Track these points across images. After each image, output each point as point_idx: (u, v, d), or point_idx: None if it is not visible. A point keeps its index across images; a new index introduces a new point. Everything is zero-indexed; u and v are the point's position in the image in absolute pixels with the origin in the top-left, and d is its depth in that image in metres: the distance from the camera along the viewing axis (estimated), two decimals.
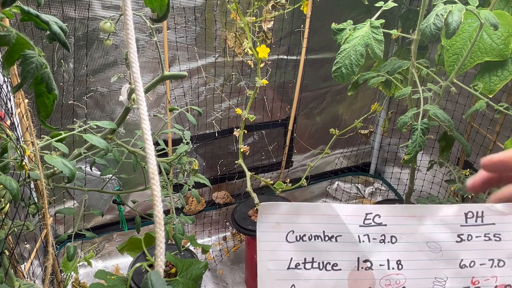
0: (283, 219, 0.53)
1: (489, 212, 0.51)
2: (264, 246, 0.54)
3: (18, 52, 0.67)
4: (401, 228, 0.51)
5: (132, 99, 1.09)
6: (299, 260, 0.52)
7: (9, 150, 0.82)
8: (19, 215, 1.04)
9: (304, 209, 0.52)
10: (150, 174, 0.47)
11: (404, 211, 0.51)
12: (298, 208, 0.52)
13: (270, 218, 0.53)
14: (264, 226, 0.53)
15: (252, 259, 1.97)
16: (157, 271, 0.46)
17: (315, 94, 2.38)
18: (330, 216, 0.51)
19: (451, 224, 0.50)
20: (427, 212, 0.51)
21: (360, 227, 0.51)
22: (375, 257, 0.51)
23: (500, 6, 1.51)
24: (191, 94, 2.05)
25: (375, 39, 1.41)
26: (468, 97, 1.97)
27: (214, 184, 2.30)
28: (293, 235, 0.52)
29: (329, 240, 0.51)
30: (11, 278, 0.95)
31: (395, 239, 0.51)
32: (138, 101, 0.49)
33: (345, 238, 0.51)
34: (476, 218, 0.51)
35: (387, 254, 0.51)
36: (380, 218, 0.51)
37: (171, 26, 1.83)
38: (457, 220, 0.50)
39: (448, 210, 0.51)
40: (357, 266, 0.51)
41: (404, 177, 2.55)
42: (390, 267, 0.51)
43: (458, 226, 0.50)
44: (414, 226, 0.51)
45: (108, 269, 2.15)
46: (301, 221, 0.52)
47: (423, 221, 0.51)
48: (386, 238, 0.51)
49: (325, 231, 0.51)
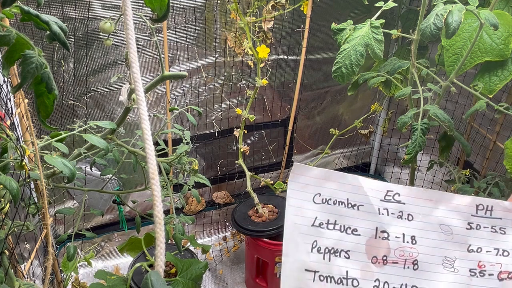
0: (312, 181, 0.57)
1: (498, 208, 0.56)
2: (292, 202, 0.57)
3: (18, 52, 0.67)
4: (418, 208, 0.56)
5: (132, 99, 1.09)
6: (322, 220, 0.57)
7: (9, 150, 0.82)
8: (19, 215, 1.04)
9: (332, 176, 0.57)
10: (150, 174, 0.47)
11: (422, 194, 0.57)
12: (326, 174, 0.57)
13: (301, 178, 0.57)
14: (294, 185, 0.57)
15: (252, 259, 1.97)
16: (157, 271, 0.46)
17: (315, 94, 2.38)
18: (355, 186, 0.57)
19: (463, 213, 0.56)
20: (443, 198, 0.57)
21: (380, 201, 0.57)
22: (392, 229, 0.56)
23: (500, 6, 1.51)
24: (191, 94, 2.05)
25: (375, 39, 1.41)
26: (468, 97, 1.97)
27: (214, 184, 2.30)
28: (320, 198, 0.57)
29: (352, 207, 0.56)
30: (11, 278, 0.95)
31: (412, 217, 0.57)
32: (138, 101, 0.49)
33: (366, 208, 0.57)
34: (485, 210, 0.56)
35: (403, 229, 0.57)
36: (400, 197, 0.57)
37: (171, 26, 1.83)
38: (468, 210, 0.56)
39: (462, 200, 0.57)
40: (375, 234, 0.57)
41: (404, 177, 2.55)
42: (405, 241, 0.56)
43: (469, 215, 0.56)
44: (430, 208, 0.56)
45: (108, 269, 2.14)
46: (328, 186, 0.57)
47: (438, 206, 0.56)
48: (404, 215, 0.56)
49: (349, 199, 0.56)
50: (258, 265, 1.98)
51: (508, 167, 1.38)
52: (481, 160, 1.91)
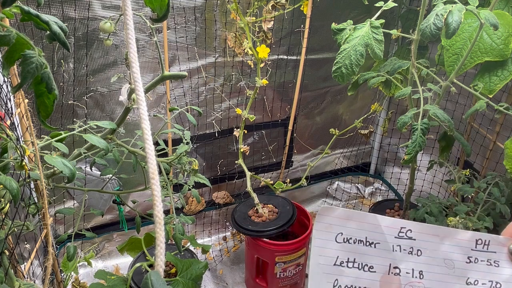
0: (336, 221, 0.61)
1: (494, 242, 0.61)
2: (318, 243, 0.61)
3: (18, 52, 0.67)
4: (426, 244, 0.61)
5: (132, 99, 1.09)
6: (343, 259, 0.60)
7: (9, 150, 0.82)
8: (19, 215, 1.04)
9: (354, 216, 0.61)
10: (150, 174, 0.47)
11: (431, 230, 0.61)
12: (349, 214, 0.61)
13: (326, 219, 0.61)
14: (320, 226, 0.61)
15: (252, 259, 1.97)
16: (157, 271, 0.46)
17: (315, 94, 2.38)
18: (373, 225, 0.61)
19: (464, 247, 0.61)
20: (448, 234, 0.61)
21: (395, 238, 0.61)
22: (403, 265, 0.61)
23: (500, 6, 1.51)
24: (191, 94, 2.05)
25: (375, 39, 1.41)
26: (468, 97, 1.97)
27: (214, 184, 2.30)
28: (341, 237, 0.61)
29: (370, 245, 0.61)
30: (11, 278, 0.95)
31: (421, 252, 0.61)
32: (138, 101, 0.49)
33: (382, 246, 0.61)
34: (483, 245, 0.61)
35: (412, 264, 0.61)
36: (412, 233, 0.61)
37: (171, 26, 1.83)
38: (469, 244, 0.61)
39: (464, 235, 0.61)
40: (388, 270, 0.61)
41: (404, 177, 2.55)
42: (414, 276, 0.61)
43: (469, 250, 0.61)
44: (436, 243, 0.61)
45: (108, 269, 2.15)
46: (349, 225, 0.61)
47: (444, 241, 0.61)
48: (414, 251, 0.61)
49: (367, 237, 0.61)
50: (258, 265, 1.98)
51: (508, 167, 1.38)
52: (481, 160, 1.92)
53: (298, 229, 2.06)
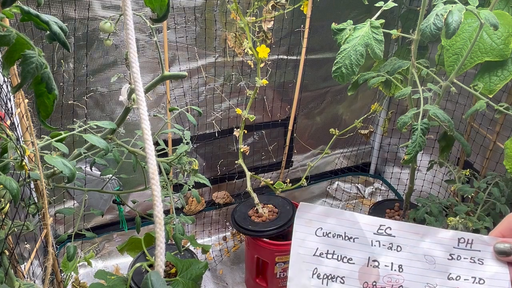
0: (315, 217, 0.66)
1: (478, 241, 0.63)
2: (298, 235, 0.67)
3: (18, 52, 0.67)
4: (406, 240, 0.65)
5: (132, 99, 1.09)
6: (323, 251, 0.66)
7: (9, 150, 0.82)
8: (19, 215, 1.04)
9: (332, 213, 0.66)
10: (150, 174, 0.47)
11: (411, 228, 0.65)
12: (328, 211, 0.66)
13: (305, 215, 0.66)
14: (300, 221, 0.66)
15: (252, 259, 1.97)
16: (157, 271, 0.46)
17: (315, 94, 2.38)
18: (352, 222, 0.65)
19: (446, 245, 0.64)
20: (429, 232, 0.65)
21: (373, 234, 0.65)
22: (382, 259, 0.65)
23: (500, 6, 1.51)
24: (191, 94, 2.05)
25: (375, 39, 1.41)
26: (468, 97, 1.97)
27: (214, 184, 2.30)
28: (321, 231, 0.66)
29: (348, 240, 0.65)
30: (11, 278, 0.95)
31: (400, 248, 0.65)
32: (138, 101, 0.49)
33: (361, 240, 0.65)
34: (466, 243, 0.64)
35: (392, 259, 0.65)
36: (391, 230, 0.65)
37: (171, 26, 1.83)
38: (451, 242, 0.64)
39: (445, 234, 0.65)
40: (367, 263, 0.65)
41: (404, 177, 2.55)
42: (393, 269, 0.65)
43: (451, 247, 0.64)
44: (417, 241, 0.65)
45: (108, 269, 2.14)
46: (328, 221, 0.66)
47: (424, 238, 0.64)
48: (393, 246, 0.65)
49: (346, 233, 0.65)
50: (258, 265, 1.98)
51: (508, 167, 1.38)
52: (481, 160, 1.91)
53: None
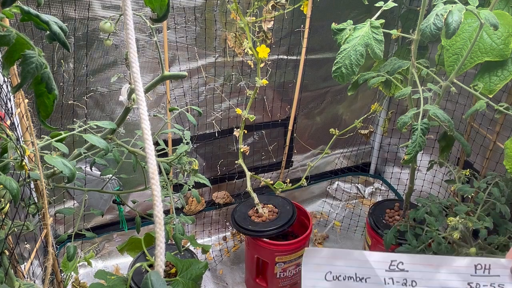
0: (323, 261, 0.63)
1: (496, 266, 0.60)
2: (307, 282, 0.63)
3: (18, 52, 0.67)
4: (420, 274, 0.61)
5: (132, 99, 1.09)
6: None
7: (9, 150, 0.82)
8: (19, 215, 1.04)
9: (340, 254, 0.63)
10: (150, 174, 0.47)
11: (424, 260, 0.62)
12: (335, 253, 0.63)
13: (312, 260, 0.63)
14: (308, 267, 0.62)
15: (252, 259, 1.97)
16: (157, 271, 0.46)
17: (315, 94, 2.38)
18: (361, 261, 0.62)
19: (463, 274, 0.60)
20: (443, 262, 0.61)
21: (386, 271, 0.62)
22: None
23: (500, 6, 1.51)
24: (191, 94, 2.05)
25: (375, 39, 1.41)
26: (468, 97, 1.97)
27: (214, 184, 2.30)
28: (331, 275, 0.62)
29: (360, 281, 0.62)
30: (11, 278, 0.95)
31: (415, 283, 0.61)
32: (138, 101, 0.49)
33: (373, 280, 0.62)
34: (484, 270, 0.60)
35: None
36: (403, 265, 0.61)
37: (171, 26, 1.83)
38: (468, 271, 0.60)
39: (461, 262, 0.61)
40: None
41: (404, 177, 2.55)
42: None
43: (469, 276, 0.60)
44: (432, 273, 0.61)
45: (108, 269, 2.15)
46: (337, 263, 0.62)
47: (439, 270, 0.61)
48: (408, 282, 0.61)
49: (357, 273, 0.62)
50: (258, 265, 1.98)
51: (508, 167, 1.38)
52: (481, 160, 1.91)
53: (298, 229, 2.06)
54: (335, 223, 2.56)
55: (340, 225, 2.54)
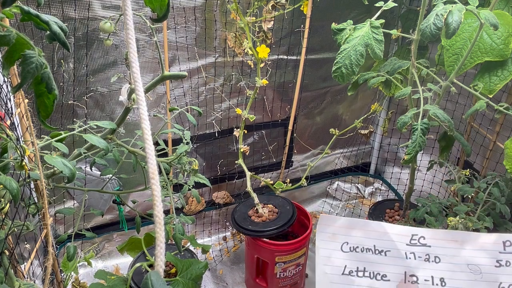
0: (339, 231, 0.59)
1: None
2: (322, 252, 0.60)
3: (18, 52, 0.67)
4: (444, 250, 0.58)
5: (132, 99, 1.09)
6: (352, 268, 0.58)
7: (9, 150, 0.82)
8: (19, 215, 1.04)
9: (358, 224, 0.59)
10: (150, 174, 0.47)
11: (447, 236, 0.59)
12: (352, 223, 0.60)
13: (328, 229, 0.60)
14: (323, 235, 0.60)
15: (252, 259, 1.97)
16: (157, 271, 0.46)
17: (315, 94, 2.38)
18: (380, 232, 0.59)
19: (490, 251, 0.57)
20: (468, 238, 0.58)
21: (406, 245, 0.58)
22: (420, 273, 0.57)
23: (500, 6, 1.51)
24: (191, 94, 2.05)
25: (375, 39, 1.41)
26: (468, 97, 1.97)
27: (214, 184, 2.30)
28: (347, 246, 0.59)
29: (379, 253, 0.58)
30: (11, 278, 0.95)
31: (439, 259, 0.58)
32: (138, 101, 0.50)
33: (394, 254, 0.58)
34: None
35: (431, 272, 0.57)
36: (425, 240, 0.58)
37: (171, 26, 1.83)
38: (496, 247, 0.57)
39: (488, 238, 0.58)
40: (404, 279, 0.57)
41: (404, 177, 2.55)
42: (435, 283, 0.57)
43: (497, 253, 0.57)
44: (456, 249, 0.57)
45: (108, 269, 2.15)
46: (354, 234, 0.59)
47: (464, 246, 0.57)
48: (431, 258, 0.58)
49: (376, 245, 0.59)
50: (258, 265, 1.98)
51: (508, 167, 1.38)
52: (481, 160, 1.92)
53: (298, 229, 2.06)
54: None
55: None
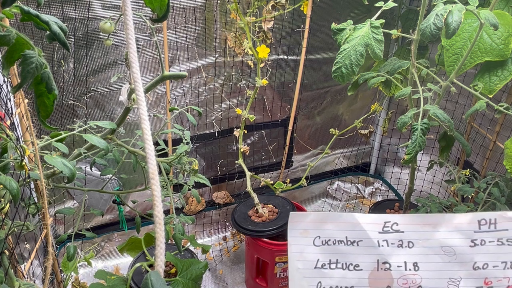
0: (311, 226, 0.59)
1: (502, 219, 0.55)
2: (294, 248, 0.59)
3: (18, 52, 0.67)
4: (417, 234, 0.56)
5: (132, 99, 1.09)
6: (324, 261, 0.58)
7: (9, 150, 0.82)
8: (19, 215, 1.04)
9: (329, 218, 0.59)
10: (150, 174, 0.47)
11: (420, 220, 0.58)
12: (323, 216, 0.59)
13: (299, 225, 0.59)
14: (294, 232, 0.59)
15: (252, 259, 1.97)
16: (157, 271, 0.46)
17: (315, 94, 2.38)
18: (352, 224, 0.58)
19: (465, 231, 0.55)
20: (442, 220, 0.57)
21: (379, 234, 0.57)
22: (393, 259, 0.57)
23: (500, 6, 1.51)
24: (191, 94, 2.05)
25: (375, 39, 1.41)
26: (468, 97, 1.97)
27: (214, 184, 2.30)
28: (319, 240, 0.59)
29: (351, 244, 0.58)
30: (11, 278, 0.95)
31: (412, 244, 0.57)
32: (138, 101, 0.50)
33: (366, 243, 0.58)
34: (489, 225, 0.55)
35: (404, 257, 0.57)
36: (398, 226, 0.58)
37: (171, 26, 1.83)
38: (470, 227, 0.55)
39: (462, 218, 0.56)
40: (376, 267, 0.57)
41: (404, 177, 2.55)
42: (407, 268, 0.57)
43: (472, 232, 0.55)
44: (430, 232, 0.56)
45: (108, 269, 2.15)
46: (326, 228, 0.58)
47: (438, 228, 0.56)
48: (404, 243, 0.57)
49: (348, 237, 0.58)
50: (258, 265, 1.98)
51: (508, 167, 1.38)
52: (481, 160, 1.91)
53: None
54: None
55: None
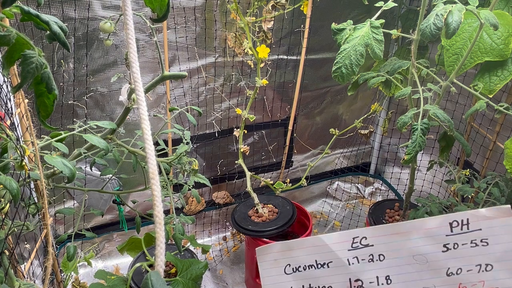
0: (279, 256, 0.58)
1: (475, 219, 0.51)
2: (267, 280, 0.59)
3: (18, 52, 0.67)
4: (387, 246, 0.55)
5: (132, 99, 1.09)
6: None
7: (9, 150, 0.82)
8: (19, 215, 1.04)
9: (295, 245, 0.59)
10: (150, 174, 0.47)
11: (389, 230, 0.56)
12: (290, 244, 0.59)
13: (268, 257, 0.59)
14: (264, 265, 0.59)
15: (252, 259, 1.97)
16: (157, 271, 0.46)
17: (315, 94, 2.38)
18: (319, 246, 0.57)
19: (436, 236, 0.53)
20: (412, 227, 0.54)
21: (348, 251, 0.56)
22: (365, 275, 0.55)
23: (500, 6, 1.51)
24: (191, 94, 2.05)
25: (375, 39, 1.41)
26: (468, 97, 1.97)
27: (214, 184, 2.30)
28: (290, 268, 0.58)
29: (322, 267, 0.57)
30: (11, 278, 0.95)
31: (383, 256, 0.55)
32: (138, 101, 0.50)
33: (336, 263, 0.57)
34: (461, 226, 0.52)
35: (376, 272, 0.56)
36: (367, 240, 0.55)
37: (171, 26, 1.83)
38: (442, 231, 0.53)
39: (433, 222, 0.54)
40: (349, 285, 0.56)
41: (404, 177, 2.55)
42: (380, 283, 0.55)
43: (444, 236, 0.53)
44: (400, 242, 0.54)
45: (108, 269, 2.15)
46: (294, 255, 0.58)
47: (409, 236, 0.54)
48: (375, 257, 0.55)
49: (317, 260, 0.57)
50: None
51: (508, 167, 1.38)
52: (481, 160, 1.91)
53: (298, 229, 2.06)
54: (335, 223, 2.55)
55: (340, 225, 2.54)
